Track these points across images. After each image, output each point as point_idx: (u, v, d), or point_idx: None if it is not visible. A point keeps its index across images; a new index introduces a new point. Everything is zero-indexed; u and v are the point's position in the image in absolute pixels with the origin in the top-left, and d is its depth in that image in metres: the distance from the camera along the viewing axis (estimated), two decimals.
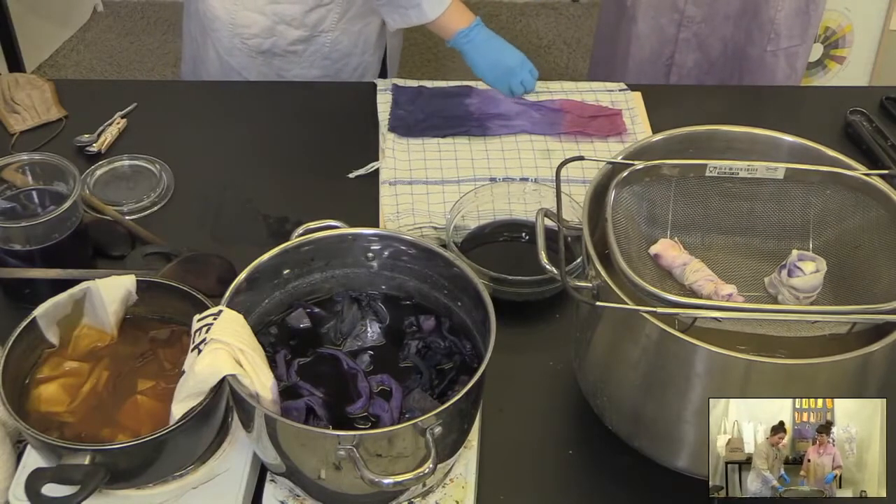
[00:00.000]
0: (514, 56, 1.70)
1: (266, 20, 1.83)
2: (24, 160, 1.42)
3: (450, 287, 1.24)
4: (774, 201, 1.24)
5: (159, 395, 1.17)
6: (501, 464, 1.24)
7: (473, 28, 1.69)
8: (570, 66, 3.57)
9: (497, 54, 1.70)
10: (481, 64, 1.70)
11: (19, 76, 1.83)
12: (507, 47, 1.71)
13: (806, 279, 1.18)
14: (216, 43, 1.88)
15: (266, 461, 1.16)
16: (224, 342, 1.07)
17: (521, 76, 1.69)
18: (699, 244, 1.27)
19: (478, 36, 1.69)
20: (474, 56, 1.70)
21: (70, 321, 1.22)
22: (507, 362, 1.23)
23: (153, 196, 1.59)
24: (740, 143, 1.27)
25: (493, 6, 3.90)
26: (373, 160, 1.66)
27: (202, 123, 1.77)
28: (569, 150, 1.67)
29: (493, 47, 1.70)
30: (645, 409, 1.14)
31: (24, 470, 1.14)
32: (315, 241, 1.24)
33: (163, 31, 3.76)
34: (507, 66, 1.69)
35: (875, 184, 1.19)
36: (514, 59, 1.70)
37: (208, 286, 1.29)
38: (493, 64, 1.70)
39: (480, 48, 1.69)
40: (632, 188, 1.22)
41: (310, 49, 1.88)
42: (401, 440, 1.05)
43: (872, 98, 1.81)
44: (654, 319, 1.05)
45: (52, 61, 3.57)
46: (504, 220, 1.53)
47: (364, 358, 1.21)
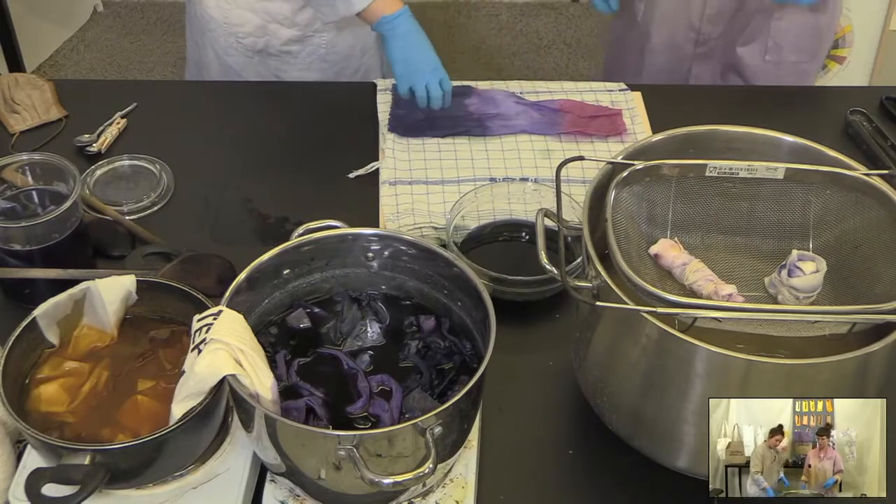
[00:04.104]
0: (428, 58, 1.68)
1: (257, 18, 1.83)
2: (24, 160, 1.42)
3: (450, 287, 1.24)
4: (774, 201, 1.24)
5: (159, 395, 1.17)
6: (501, 464, 1.24)
7: (399, 16, 1.66)
8: (570, 66, 3.57)
9: (412, 51, 1.68)
10: (395, 54, 1.67)
11: (19, 76, 1.83)
12: (426, 48, 1.69)
13: (806, 279, 1.18)
14: (213, 43, 1.88)
15: (266, 461, 1.16)
16: (224, 342, 1.07)
17: (428, 80, 1.66)
18: (699, 244, 1.27)
19: (401, 25, 1.66)
20: (391, 44, 1.67)
21: (70, 321, 1.22)
22: (507, 362, 1.22)
23: (153, 196, 1.59)
24: (740, 143, 1.27)
25: (493, 6, 3.90)
26: (373, 160, 1.66)
27: (202, 123, 1.77)
28: (569, 150, 1.67)
29: (412, 41, 1.68)
30: (645, 409, 1.14)
31: (24, 470, 1.15)
32: (315, 241, 1.24)
33: (163, 31, 3.76)
34: (417, 66, 1.67)
35: (875, 184, 1.19)
36: (428, 61, 1.68)
37: (208, 286, 1.29)
38: (405, 58, 1.67)
39: (400, 38, 1.67)
40: (632, 188, 1.22)
41: (305, 50, 1.88)
42: (401, 440, 1.05)
43: (872, 98, 1.81)
44: (654, 319, 1.05)
45: (52, 61, 3.57)
46: (504, 220, 1.53)
47: (364, 358, 1.21)
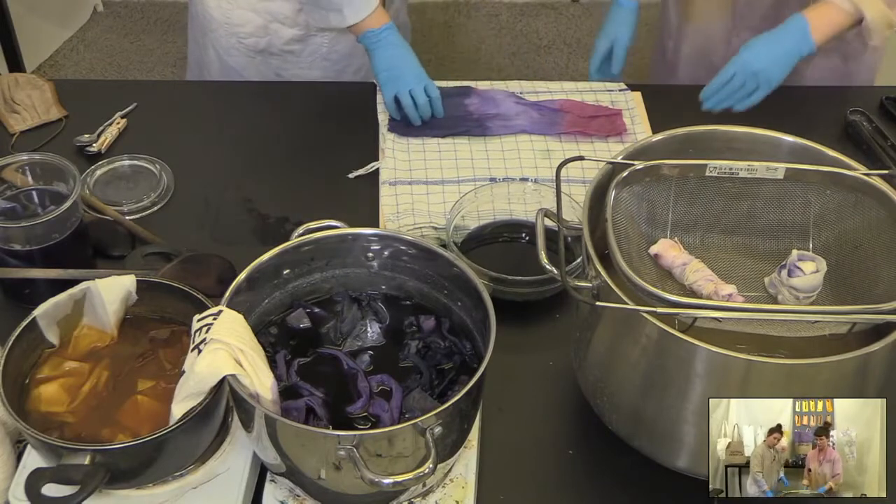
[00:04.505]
0: (411, 67, 1.71)
1: (259, 18, 1.83)
2: (24, 160, 1.42)
3: (450, 287, 1.24)
4: (774, 201, 1.24)
5: (159, 395, 1.17)
6: (501, 464, 1.24)
7: (384, 30, 1.70)
8: (570, 66, 3.57)
9: (396, 60, 1.71)
10: (379, 64, 1.71)
11: (19, 76, 1.83)
12: (410, 58, 1.72)
13: (806, 279, 1.18)
14: (215, 43, 1.89)
15: (266, 461, 1.16)
16: (224, 342, 1.07)
17: (411, 86, 1.68)
18: (699, 244, 1.27)
19: (386, 38, 1.70)
20: (376, 55, 1.71)
21: (70, 321, 1.22)
22: (507, 362, 1.22)
23: (153, 196, 1.59)
24: (740, 143, 1.27)
25: (493, 6, 3.90)
26: (373, 160, 1.66)
27: (202, 123, 1.77)
28: (569, 150, 1.67)
29: (397, 53, 1.71)
30: (645, 409, 1.14)
31: (24, 470, 1.15)
32: (315, 241, 1.24)
33: (163, 31, 3.75)
34: (401, 73, 1.69)
35: (875, 184, 1.19)
36: (411, 69, 1.70)
37: (208, 286, 1.29)
38: (389, 65, 1.71)
39: (383, 49, 1.71)
40: (632, 188, 1.22)
41: (307, 49, 1.88)
42: (401, 440, 1.05)
43: (872, 98, 1.81)
44: (654, 319, 1.05)
45: (52, 61, 3.57)
46: (504, 220, 1.53)
47: (364, 358, 1.21)
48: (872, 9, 1.63)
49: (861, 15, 1.64)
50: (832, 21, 1.66)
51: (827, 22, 1.66)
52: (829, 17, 1.66)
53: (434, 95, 1.69)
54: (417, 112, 1.69)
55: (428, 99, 1.69)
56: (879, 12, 1.63)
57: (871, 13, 1.63)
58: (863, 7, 1.63)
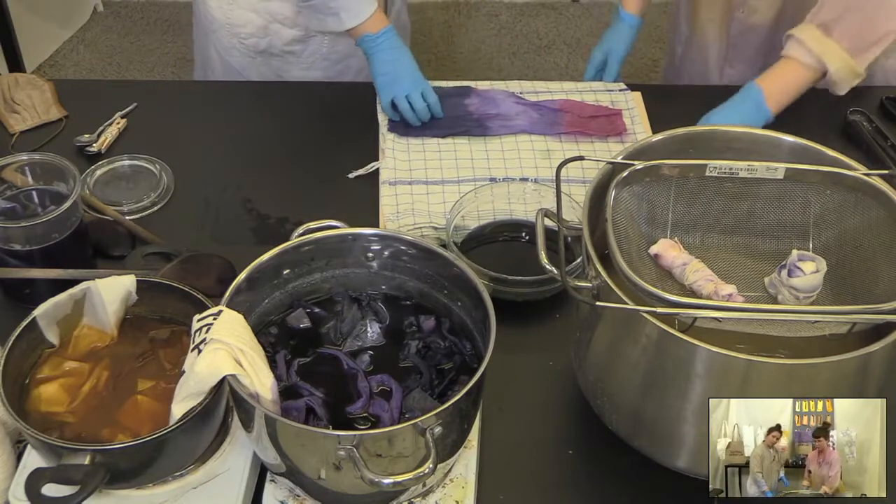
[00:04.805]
0: (409, 71, 1.71)
1: (259, 19, 1.84)
2: (24, 160, 1.42)
3: (450, 287, 1.24)
4: (774, 201, 1.24)
5: (159, 395, 1.17)
6: (501, 464, 1.24)
7: (382, 34, 1.70)
8: (570, 66, 3.57)
9: (394, 65, 1.71)
10: (377, 68, 1.71)
11: (19, 76, 1.83)
12: (408, 63, 1.72)
13: (806, 279, 1.18)
14: (216, 44, 1.89)
15: (266, 461, 1.16)
16: (224, 342, 1.07)
17: (408, 91, 1.68)
18: (699, 244, 1.27)
19: (385, 42, 1.71)
20: (374, 59, 1.72)
21: (70, 321, 1.22)
22: (507, 362, 1.23)
23: (153, 196, 1.59)
24: (740, 143, 1.27)
25: (493, 6, 3.90)
26: (373, 160, 1.66)
27: (202, 123, 1.77)
28: (569, 150, 1.67)
29: (396, 57, 1.71)
30: (645, 409, 1.14)
31: (24, 470, 1.15)
32: (315, 241, 1.24)
33: (163, 31, 3.76)
34: (398, 77, 1.69)
35: (875, 184, 1.19)
36: (409, 73, 1.70)
37: (208, 286, 1.29)
38: (386, 71, 1.71)
39: (382, 53, 1.71)
40: (632, 188, 1.22)
41: (308, 49, 1.88)
42: (401, 440, 1.05)
43: (872, 98, 1.80)
44: (654, 319, 1.05)
45: (52, 61, 3.57)
46: (504, 220, 1.53)
47: (364, 358, 1.21)
48: (836, 61, 1.59)
49: (825, 68, 1.61)
50: (793, 81, 1.62)
51: (783, 86, 1.62)
52: (788, 78, 1.63)
53: (431, 101, 1.69)
54: (415, 115, 1.69)
55: (426, 104, 1.69)
56: (843, 62, 1.60)
57: (835, 65, 1.60)
58: (825, 60, 1.59)
